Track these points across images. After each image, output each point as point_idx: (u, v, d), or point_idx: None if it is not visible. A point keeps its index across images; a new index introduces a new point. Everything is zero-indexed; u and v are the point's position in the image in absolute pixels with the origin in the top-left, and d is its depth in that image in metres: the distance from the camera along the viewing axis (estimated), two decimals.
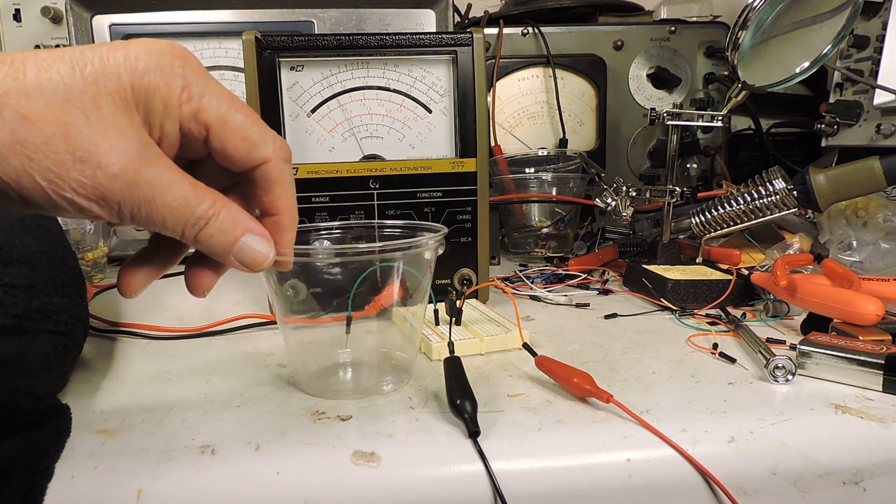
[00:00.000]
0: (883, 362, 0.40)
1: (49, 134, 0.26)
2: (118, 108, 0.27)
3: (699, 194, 0.71)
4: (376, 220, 0.50)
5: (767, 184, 0.65)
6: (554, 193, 0.84)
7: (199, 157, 0.32)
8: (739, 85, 0.65)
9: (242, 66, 0.56)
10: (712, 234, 0.70)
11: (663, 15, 1.07)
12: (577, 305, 0.61)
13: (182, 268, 0.35)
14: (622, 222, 0.74)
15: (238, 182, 0.34)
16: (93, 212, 0.27)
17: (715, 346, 0.47)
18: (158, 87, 0.28)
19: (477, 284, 0.60)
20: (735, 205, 0.67)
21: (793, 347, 0.46)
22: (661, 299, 0.59)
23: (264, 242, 0.32)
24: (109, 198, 0.27)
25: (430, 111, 0.59)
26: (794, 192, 0.64)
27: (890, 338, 0.45)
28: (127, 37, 0.81)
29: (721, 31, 0.97)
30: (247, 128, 0.30)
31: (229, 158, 0.31)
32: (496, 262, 0.81)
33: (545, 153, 0.89)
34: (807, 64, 0.64)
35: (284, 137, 0.57)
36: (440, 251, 0.41)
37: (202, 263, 0.34)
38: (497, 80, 0.93)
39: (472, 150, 0.58)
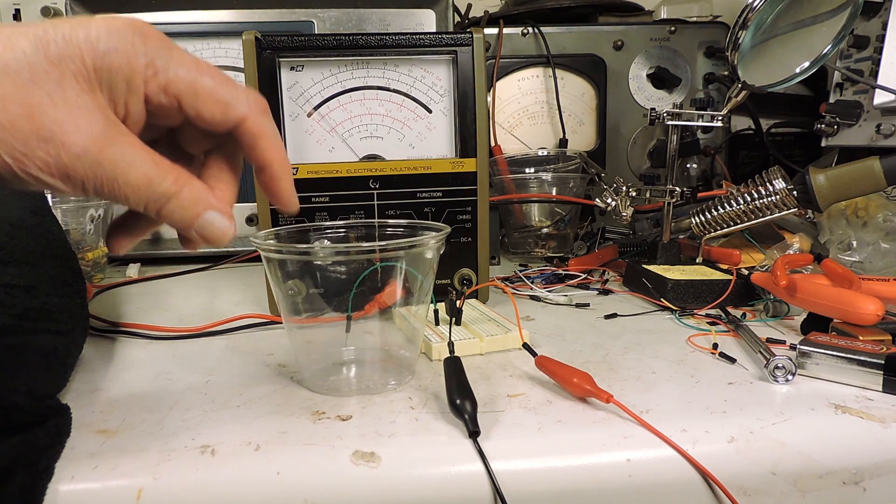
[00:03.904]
0: (883, 362, 0.40)
1: (15, 114, 0.26)
2: (82, 89, 0.28)
3: (699, 194, 0.71)
4: (377, 220, 0.50)
5: (767, 184, 0.65)
6: (554, 193, 0.84)
7: (176, 125, 0.33)
8: (739, 85, 0.65)
9: (242, 66, 0.56)
10: (712, 234, 0.69)
11: (663, 15, 1.07)
12: (577, 305, 0.61)
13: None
14: (622, 222, 0.74)
15: (221, 143, 0.34)
16: (58, 188, 0.28)
17: (715, 346, 0.47)
18: (121, 66, 0.28)
19: (477, 284, 0.60)
20: (735, 205, 0.67)
21: (793, 347, 0.46)
22: (661, 299, 0.59)
23: (224, 219, 0.32)
24: (73, 175, 0.28)
25: (430, 111, 0.59)
26: (794, 192, 0.64)
27: (890, 338, 0.45)
28: None
29: (721, 31, 0.97)
30: (217, 90, 0.31)
31: (206, 123, 0.31)
32: (496, 262, 0.81)
33: (545, 153, 0.89)
34: (807, 64, 0.64)
35: (284, 137, 0.57)
36: (441, 250, 0.41)
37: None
38: (497, 80, 0.93)
39: (472, 150, 0.58)
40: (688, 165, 0.95)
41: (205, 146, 0.34)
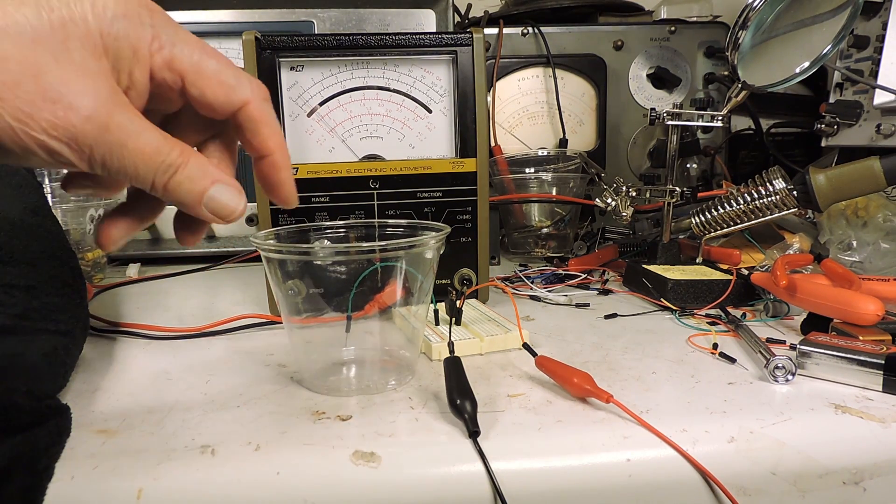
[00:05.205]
0: (883, 362, 0.40)
1: (18, 73, 0.25)
2: (87, 53, 0.27)
3: (699, 194, 0.71)
4: (377, 220, 0.50)
5: (767, 184, 0.65)
6: (554, 193, 0.84)
7: (173, 110, 0.32)
8: (739, 85, 0.65)
9: (242, 66, 0.56)
10: (712, 234, 0.70)
11: (663, 15, 1.07)
12: (577, 305, 0.61)
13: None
14: (622, 222, 0.74)
15: (217, 133, 0.34)
16: (64, 155, 0.27)
17: (715, 346, 0.47)
18: (128, 34, 0.28)
19: (477, 284, 0.60)
20: (735, 205, 0.67)
21: (793, 347, 0.46)
22: (661, 299, 0.59)
23: (234, 192, 0.31)
24: (81, 140, 0.27)
25: (430, 111, 0.59)
26: (794, 192, 0.64)
27: (890, 338, 0.45)
28: None
29: (721, 31, 0.97)
30: (222, 72, 0.30)
31: (209, 105, 0.31)
32: (496, 262, 0.81)
33: (545, 153, 0.89)
34: (807, 64, 0.64)
35: (284, 137, 0.57)
36: (441, 250, 0.41)
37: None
38: (497, 80, 0.93)
39: (472, 150, 0.58)
40: (688, 165, 0.95)
41: (201, 136, 0.34)
